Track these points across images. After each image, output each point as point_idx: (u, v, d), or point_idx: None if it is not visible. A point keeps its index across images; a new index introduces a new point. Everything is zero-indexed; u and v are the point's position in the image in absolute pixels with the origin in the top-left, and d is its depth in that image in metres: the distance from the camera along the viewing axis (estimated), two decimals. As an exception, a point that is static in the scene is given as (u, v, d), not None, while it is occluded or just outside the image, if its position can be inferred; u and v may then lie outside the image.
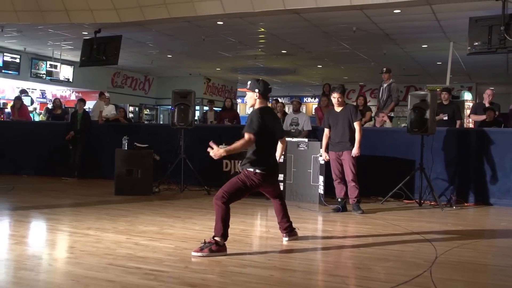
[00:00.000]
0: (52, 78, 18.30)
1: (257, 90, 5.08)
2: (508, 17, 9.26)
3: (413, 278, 4.21)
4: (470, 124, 12.29)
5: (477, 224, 7.40)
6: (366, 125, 10.42)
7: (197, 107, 20.10)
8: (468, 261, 4.91)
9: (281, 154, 5.54)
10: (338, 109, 7.62)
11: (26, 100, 15.11)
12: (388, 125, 10.58)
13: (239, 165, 5.14)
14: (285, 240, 5.48)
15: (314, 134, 9.60)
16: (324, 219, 7.29)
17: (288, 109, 15.89)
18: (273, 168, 5.21)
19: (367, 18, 11.31)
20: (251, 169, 4.98)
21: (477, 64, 16.22)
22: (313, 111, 19.01)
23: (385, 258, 4.89)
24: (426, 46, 14.61)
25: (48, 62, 18.04)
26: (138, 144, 9.22)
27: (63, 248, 5.32)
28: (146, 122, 20.90)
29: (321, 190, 8.27)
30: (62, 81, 18.70)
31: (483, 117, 10.17)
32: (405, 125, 9.59)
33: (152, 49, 16.56)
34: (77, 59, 14.53)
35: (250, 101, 5.18)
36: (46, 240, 5.73)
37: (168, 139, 10.15)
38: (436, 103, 8.88)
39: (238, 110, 27.78)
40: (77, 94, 19.83)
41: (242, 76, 23.77)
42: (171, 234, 5.75)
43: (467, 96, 18.52)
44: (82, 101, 11.99)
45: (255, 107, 5.15)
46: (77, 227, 5.99)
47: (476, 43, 9.57)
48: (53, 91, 20.06)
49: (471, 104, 15.19)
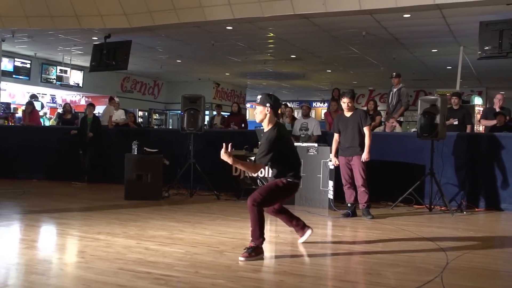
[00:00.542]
0: (62, 83, 18.42)
1: (268, 105, 5.01)
2: (519, 21, 9.24)
3: (424, 284, 4.19)
4: (481, 127, 12.21)
5: (488, 230, 7.34)
6: (375, 130, 10.40)
7: (207, 112, 20.13)
8: (479, 267, 4.88)
9: None
10: (347, 114, 7.61)
11: (36, 105, 15.20)
12: (398, 129, 10.55)
13: (270, 175, 5.23)
14: (309, 232, 5.52)
15: (324, 139, 9.59)
16: (334, 224, 7.28)
17: (297, 114, 15.89)
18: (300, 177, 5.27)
19: (377, 22, 11.29)
20: (285, 179, 5.06)
21: (487, 68, 16.13)
22: (322, 116, 19.00)
23: (395, 264, 4.87)
24: (436, 50, 14.56)
25: (58, 67, 18.17)
26: (147, 149, 9.25)
27: (74, 252, 5.34)
28: (155, 127, 20.95)
29: (330, 195, 8.26)
30: (72, 86, 18.82)
31: (493, 122, 10.10)
32: (415, 129, 9.56)
33: (161, 54, 16.62)
34: (87, 64, 14.60)
35: (260, 116, 5.07)
36: (56, 244, 5.76)
37: (178, 144, 10.17)
38: (446, 108, 8.84)
39: (247, 115, 27.87)
40: (86, 99, 19.93)
41: (251, 81, 23.80)
42: (181, 239, 5.75)
43: (478, 100, 18.41)
44: (91, 106, 12.03)
45: (266, 123, 5.09)
46: (87, 232, 6.02)
47: (487, 48, 9.53)
48: (63, 96, 20.18)
49: (481, 109, 15.09)
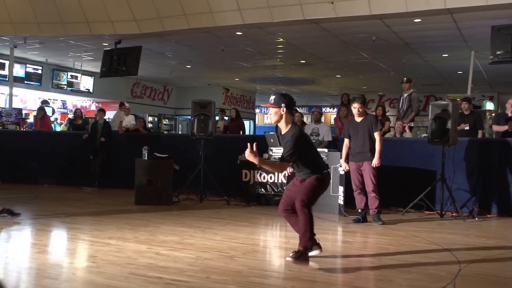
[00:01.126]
0: (73, 89, 18.52)
1: (283, 105, 4.91)
2: (532, 25, 9.18)
3: (437, 291, 4.16)
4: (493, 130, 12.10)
5: (500, 236, 7.28)
6: (385, 135, 10.36)
7: (217, 118, 20.13)
8: (492, 274, 4.84)
9: None
10: (358, 119, 7.58)
11: (47, 111, 15.31)
12: (408, 134, 10.50)
13: (299, 175, 5.15)
14: (317, 253, 5.17)
15: (334, 145, 9.56)
16: (344, 230, 7.25)
17: (307, 119, 15.87)
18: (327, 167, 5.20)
19: (387, 27, 11.27)
20: (315, 175, 4.95)
21: (499, 73, 16.02)
22: (332, 121, 18.96)
23: (407, 270, 4.83)
24: (446, 55, 14.50)
25: (69, 73, 18.28)
26: (158, 154, 9.27)
27: (85, 257, 5.36)
28: (165, 132, 21.01)
29: (341, 201, 8.22)
30: (82, 92, 18.93)
31: (505, 127, 10.02)
32: (425, 135, 9.51)
33: (171, 59, 16.69)
34: (98, 70, 14.69)
35: (275, 117, 4.97)
36: (68, 249, 5.79)
37: (187, 149, 10.18)
38: (458, 113, 8.80)
39: (256, 120, 27.93)
40: (97, 105, 20.01)
41: (260, 86, 23.82)
42: (191, 244, 5.75)
43: (489, 106, 18.28)
44: (102, 111, 12.08)
45: (283, 123, 5.00)
46: (98, 237, 6.03)
47: (499, 52, 9.47)
48: (74, 101, 20.29)
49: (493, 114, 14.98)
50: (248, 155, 4.74)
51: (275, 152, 9.04)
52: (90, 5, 11.57)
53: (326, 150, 8.71)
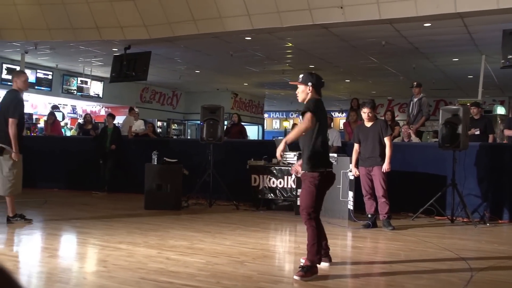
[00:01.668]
0: (82, 94, 18.64)
1: (310, 84, 4.83)
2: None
3: (449, 297, 4.13)
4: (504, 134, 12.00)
5: (512, 242, 7.23)
6: (394, 140, 10.31)
7: (226, 122, 20.16)
8: (504, 281, 4.80)
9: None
10: (368, 124, 7.56)
11: (57, 116, 15.39)
12: (415, 140, 10.44)
13: (301, 168, 4.96)
14: (326, 265, 5.05)
15: (344, 149, 9.53)
16: (354, 235, 7.22)
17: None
18: (331, 165, 4.97)
19: (397, 32, 11.24)
20: (315, 172, 4.74)
21: (510, 77, 15.90)
22: (341, 126, 18.91)
23: (418, 276, 4.80)
24: (457, 59, 14.43)
25: (79, 78, 18.39)
26: (167, 159, 9.29)
27: (96, 261, 5.37)
28: (174, 137, 21.06)
29: (350, 206, 8.19)
30: (92, 97, 19.03)
31: (517, 132, 9.96)
32: (435, 140, 9.45)
33: (180, 64, 16.74)
34: (107, 75, 14.75)
35: (302, 95, 4.90)
36: (79, 253, 5.80)
37: (197, 153, 10.19)
38: (469, 117, 8.75)
39: (264, 125, 27.93)
40: (106, 109, 20.11)
41: (269, 91, 23.83)
42: (201, 249, 5.74)
43: (500, 110, 18.18)
44: (111, 116, 12.13)
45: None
46: (108, 241, 6.05)
47: (510, 56, 9.42)
48: (84, 106, 20.40)
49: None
50: (278, 151, 4.68)
51: (284, 157, 9.02)
52: (100, 11, 11.64)
53: (335, 155, 8.68)
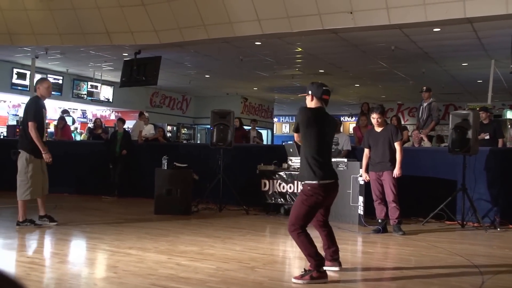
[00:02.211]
0: (92, 98, 18.73)
1: (310, 92, 4.99)
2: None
3: (460, 304, 4.10)
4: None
5: (523, 247, 7.17)
6: (404, 145, 10.29)
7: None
8: (516, 286, 4.76)
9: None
10: (378, 129, 7.55)
11: (67, 120, 15.49)
12: (427, 144, 10.41)
13: (297, 178, 5.00)
14: (335, 269, 5.04)
15: (354, 154, 9.52)
16: (364, 240, 7.20)
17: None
18: (334, 175, 4.89)
19: (406, 36, 11.22)
20: (314, 182, 4.69)
21: (520, 82, 15.86)
22: (351, 130, 18.87)
23: (429, 282, 4.77)
24: (466, 64, 14.38)
25: (89, 83, 18.50)
26: (177, 164, 9.31)
27: (106, 267, 5.38)
28: (184, 141, 21.10)
29: (361, 211, 8.17)
30: (102, 101, 19.12)
31: (527, 136, 9.93)
32: (445, 144, 9.42)
33: (190, 69, 16.79)
34: (117, 80, 14.83)
35: (307, 104, 5.04)
36: (89, 259, 5.81)
37: (206, 158, 10.22)
38: (479, 122, 8.71)
39: (274, 129, 27.90)
40: (116, 114, 20.21)
41: (278, 96, 23.84)
42: (212, 254, 5.75)
43: (510, 114, 18.06)
44: (121, 121, 12.18)
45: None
46: (119, 246, 6.06)
47: (520, 61, 9.39)
48: (94, 111, 20.52)
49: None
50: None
51: (294, 162, 9.01)
52: (111, 16, 11.73)
53: (345, 159, 8.67)
